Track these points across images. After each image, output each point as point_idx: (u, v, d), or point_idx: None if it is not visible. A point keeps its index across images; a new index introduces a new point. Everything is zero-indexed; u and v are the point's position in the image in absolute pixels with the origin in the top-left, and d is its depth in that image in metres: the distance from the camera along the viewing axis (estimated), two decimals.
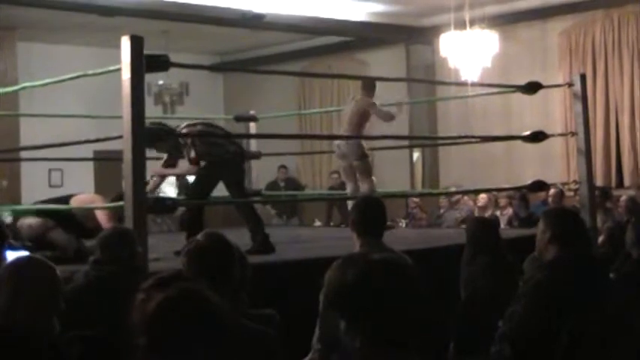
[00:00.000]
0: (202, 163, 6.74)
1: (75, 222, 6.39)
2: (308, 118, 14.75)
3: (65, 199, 6.64)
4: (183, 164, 6.82)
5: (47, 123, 11.24)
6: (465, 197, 12.02)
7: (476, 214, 11.16)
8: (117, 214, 5.84)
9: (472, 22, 10.88)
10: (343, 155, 8.75)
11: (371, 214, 4.34)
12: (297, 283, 5.05)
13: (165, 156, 6.97)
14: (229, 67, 17.09)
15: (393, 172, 13.85)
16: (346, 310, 2.13)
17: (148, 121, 5.45)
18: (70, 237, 6.18)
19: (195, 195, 6.78)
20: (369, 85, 8.89)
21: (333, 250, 5.66)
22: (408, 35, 13.78)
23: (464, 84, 10.42)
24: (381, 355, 2.08)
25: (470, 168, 12.78)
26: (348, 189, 9.02)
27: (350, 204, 5.25)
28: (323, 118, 14.67)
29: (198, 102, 14.74)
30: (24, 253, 4.02)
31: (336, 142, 9.14)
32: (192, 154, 6.60)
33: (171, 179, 10.09)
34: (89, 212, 6.47)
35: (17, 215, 6.77)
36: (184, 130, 6.72)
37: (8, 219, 8.79)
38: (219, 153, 6.76)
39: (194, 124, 6.80)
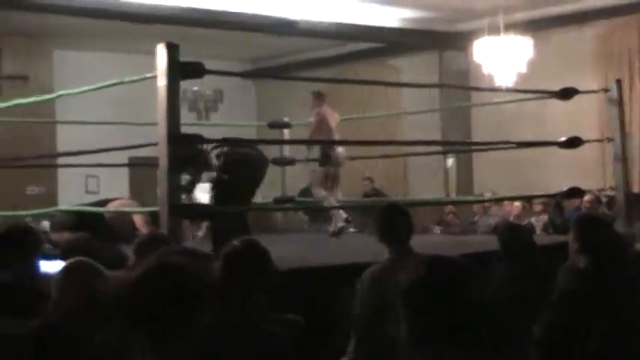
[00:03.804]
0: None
1: (110, 227, 6.45)
2: (340, 123, 14.72)
3: (102, 204, 6.71)
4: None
5: (83, 130, 11.35)
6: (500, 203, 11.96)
7: (510, 220, 11.09)
8: (152, 219, 5.88)
9: (506, 28, 10.84)
10: (339, 163, 8.95)
11: (396, 221, 4.37)
12: (324, 289, 5.06)
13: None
14: (262, 73, 17.15)
15: (427, 179, 13.83)
16: (407, 310, 2.16)
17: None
18: (106, 245, 6.23)
19: (220, 200, 6.76)
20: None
21: (363, 256, 5.65)
22: (441, 41, 13.75)
23: (498, 90, 10.38)
24: (439, 354, 2.10)
25: (504, 174, 12.72)
26: (322, 194, 9.27)
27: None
28: (355, 125, 14.65)
29: (232, 109, 14.83)
30: (59, 262, 4.06)
31: (340, 149, 9.27)
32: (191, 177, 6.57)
33: (205, 186, 10.13)
34: (125, 217, 6.53)
35: (54, 228, 6.86)
36: (214, 154, 6.70)
37: (44, 225, 8.92)
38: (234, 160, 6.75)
39: (220, 146, 6.78)
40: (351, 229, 9.53)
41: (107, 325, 2.99)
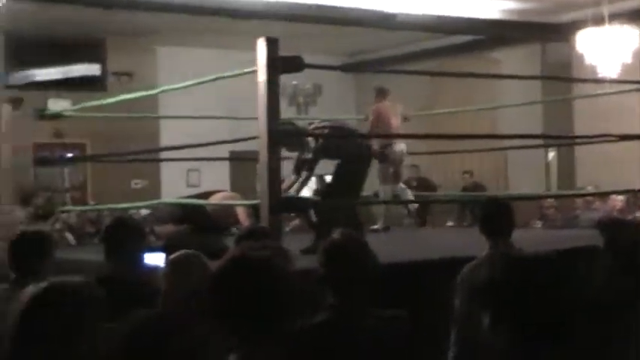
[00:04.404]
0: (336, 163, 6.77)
1: (212, 220, 6.57)
2: (440, 117, 14.63)
3: (203, 196, 6.84)
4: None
5: (185, 124, 11.57)
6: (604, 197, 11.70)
7: (614, 215, 10.84)
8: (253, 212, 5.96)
9: (610, 18, 10.59)
10: (397, 159, 8.88)
11: (498, 215, 4.37)
12: (426, 284, 5.04)
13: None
14: (361, 67, 17.15)
15: (528, 172, 13.63)
16: (490, 307, 2.13)
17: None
18: (209, 237, 6.35)
19: (334, 195, 6.78)
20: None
21: (463, 250, 5.61)
22: (543, 32, 13.50)
23: (601, 81, 10.15)
24: (521, 351, 2.07)
25: (607, 168, 12.42)
26: (390, 191, 9.37)
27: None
28: (455, 118, 14.52)
29: (331, 102, 14.88)
30: (162, 255, 4.17)
31: (401, 146, 9.31)
32: (310, 155, 6.54)
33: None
34: (226, 209, 6.63)
35: (158, 221, 7.03)
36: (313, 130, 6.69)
37: (142, 213, 9.11)
38: (343, 152, 6.75)
39: (322, 126, 6.82)
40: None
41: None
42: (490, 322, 2.14)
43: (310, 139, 6.60)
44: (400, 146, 9.38)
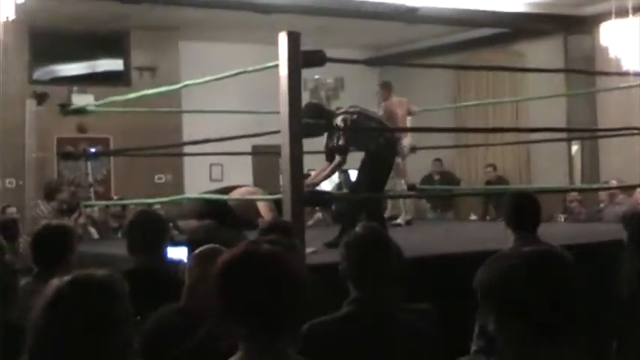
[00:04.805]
0: (362, 157, 6.75)
1: (235, 214, 6.58)
2: (463, 111, 14.58)
3: (226, 191, 6.85)
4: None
5: (207, 119, 11.60)
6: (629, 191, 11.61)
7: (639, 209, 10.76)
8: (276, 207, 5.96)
9: (635, 10, 10.50)
10: (402, 154, 9.00)
11: (524, 208, 4.37)
12: (450, 278, 5.03)
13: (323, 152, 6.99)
14: (383, 61, 17.12)
15: (551, 166, 13.55)
16: (496, 306, 2.10)
17: (307, 101, 5.48)
18: (232, 232, 6.36)
19: (360, 188, 6.76)
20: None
21: (487, 244, 5.59)
22: (567, 25, 13.43)
23: (625, 74, 10.07)
24: (530, 351, 2.04)
25: (631, 161, 12.33)
26: (402, 185, 9.34)
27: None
28: (478, 112, 14.48)
29: (353, 96, 14.76)
30: (184, 249, 4.18)
31: (406, 141, 9.28)
32: (342, 141, 6.57)
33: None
34: (249, 204, 6.63)
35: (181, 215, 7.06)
36: (340, 117, 6.59)
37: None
38: (370, 143, 6.70)
39: (351, 112, 6.74)
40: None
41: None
42: (495, 318, 2.11)
43: (338, 121, 6.52)
44: (407, 141, 9.35)
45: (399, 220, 9.49)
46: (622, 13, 10.49)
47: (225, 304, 2.14)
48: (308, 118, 5.72)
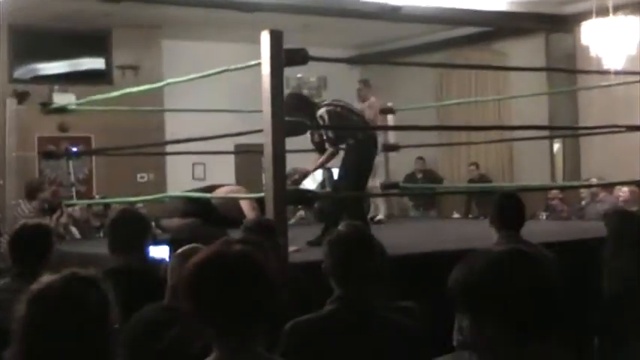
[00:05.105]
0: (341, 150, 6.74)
1: (218, 213, 6.57)
2: (446, 109, 14.62)
3: (209, 190, 6.83)
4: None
5: (190, 118, 11.57)
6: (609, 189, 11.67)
7: (620, 206, 10.81)
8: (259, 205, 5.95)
9: (615, 9, 10.55)
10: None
11: (508, 208, 4.42)
12: (433, 275, 5.03)
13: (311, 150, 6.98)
14: (367, 59, 17.12)
15: (534, 164, 13.61)
16: (470, 304, 2.10)
17: (290, 90, 5.44)
18: (215, 230, 6.35)
19: (342, 186, 6.75)
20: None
21: (470, 242, 5.61)
22: (548, 24, 13.48)
23: (606, 72, 10.12)
24: (505, 350, 2.04)
25: (613, 159, 12.39)
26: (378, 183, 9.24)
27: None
28: (461, 110, 14.52)
29: (336, 95, 14.69)
30: (166, 247, 4.17)
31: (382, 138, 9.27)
32: (331, 133, 6.56)
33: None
34: (232, 202, 6.62)
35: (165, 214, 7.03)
36: (324, 109, 6.62)
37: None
38: (350, 138, 6.67)
39: (335, 105, 6.74)
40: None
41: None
42: (469, 318, 2.10)
43: (322, 113, 6.53)
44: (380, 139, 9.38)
45: (380, 216, 9.49)
46: (603, 12, 10.54)
47: (195, 304, 2.14)
48: (290, 109, 5.71)
